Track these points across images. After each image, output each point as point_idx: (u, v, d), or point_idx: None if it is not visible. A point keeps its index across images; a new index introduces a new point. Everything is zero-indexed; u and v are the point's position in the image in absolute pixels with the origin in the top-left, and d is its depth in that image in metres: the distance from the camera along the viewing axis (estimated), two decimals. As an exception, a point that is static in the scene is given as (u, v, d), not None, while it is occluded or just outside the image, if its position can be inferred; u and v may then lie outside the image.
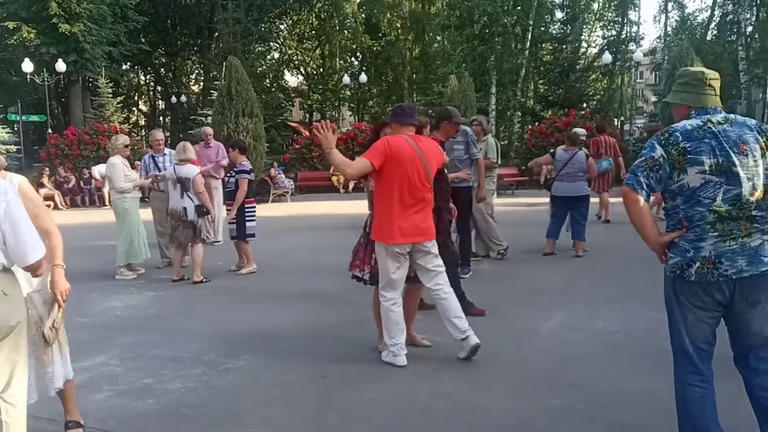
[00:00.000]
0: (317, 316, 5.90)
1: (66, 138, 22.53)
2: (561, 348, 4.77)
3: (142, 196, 8.48)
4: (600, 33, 34.49)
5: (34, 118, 29.36)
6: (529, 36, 29.30)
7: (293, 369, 4.45)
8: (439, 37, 35.28)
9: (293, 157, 23.27)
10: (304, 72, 44.20)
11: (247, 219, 7.98)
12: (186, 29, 40.57)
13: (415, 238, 4.37)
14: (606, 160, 10.95)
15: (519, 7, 29.02)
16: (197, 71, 43.86)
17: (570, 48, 32.38)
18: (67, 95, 31.62)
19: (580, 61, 32.64)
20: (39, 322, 3.07)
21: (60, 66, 25.21)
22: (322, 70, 42.32)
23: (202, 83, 41.03)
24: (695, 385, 2.76)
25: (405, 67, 37.26)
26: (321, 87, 40.95)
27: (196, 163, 8.03)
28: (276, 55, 42.73)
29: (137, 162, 13.18)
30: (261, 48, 39.79)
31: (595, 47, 34.33)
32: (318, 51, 42.96)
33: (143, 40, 35.31)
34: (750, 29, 31.48)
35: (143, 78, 45.54)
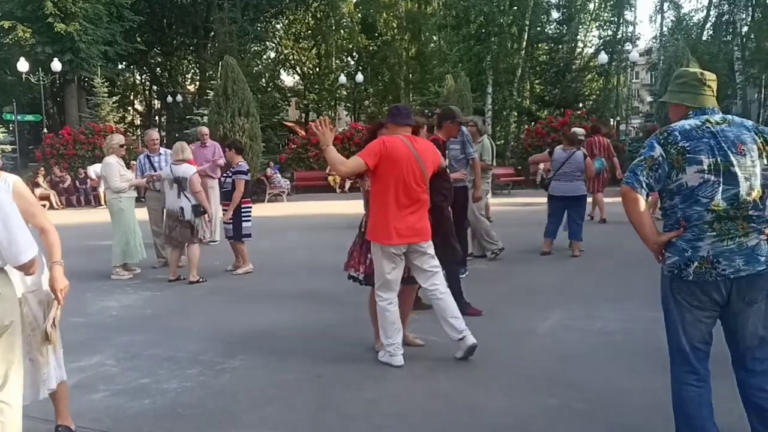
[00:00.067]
0: (314, 316, 5.89)
1: (61, 138, 22.47)
2: (558, 348, 4.77)
3: (137, 195, 8.45)
4: (596, 33, 34.64)
5: (29, 117, 29.30)
6: (526, 36, 29.34)
7: (290, 369, 4.44)
8: (436, 37, 35.31)
9: (289, 157, 23.27)
10: (300, 72, 44.19)
11: (244, 219, 7.96)
12: (182, 29, 40.52)
13: (411, 238, 4.37)
14: (598, 160, 10.96)
15: (515, 7, 29.06)
16: (193, 71, 43.83)
17: (566, 48, 32.50)
18: (63, 95, 31.51)
19: (576, 61, 32.78)
20: (34, 322, 3.06)
21: (55, 65, 25.14)
22: (318, 69, 42.30)
23: (197, 83, 41.00)
24: (692, 385, 2.77)
25: (401, 67, 37.24)
26: (317, 87, 40.92)
27: (192, 163, 8.02)
28: (272, 55, 42.80)
29: (133, 162, 13.15)
30: (257, 47, 39.82)
31: (591, 47, 34.49)
32: (314, 51, 42.98)
33: (139, 39, 35.25)
34: (745, 29, 31.61)
35: (139, 77, 45.43)
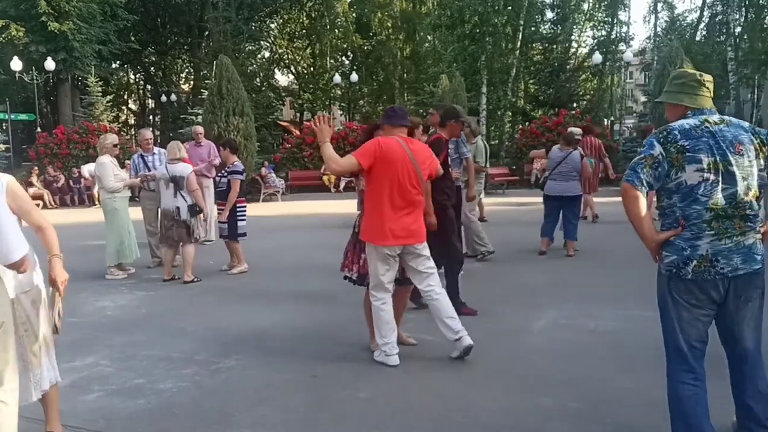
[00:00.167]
0: (309, 315, 5.89)
1: (55, 137, 22.35)
2: (553, 347, 4.77)
3: (131, 195, 8.42)
4: (590, 33, 34.66)
5: (22, 116, 29.11)
6: (520, 36, 29.35)
7: (285, 369, 4.43)
8: (430, 37, 35.30)
9: (284, 157, 23.23)
10: (294, 71, 44.12)
11: (238, 218, 7.95)
12: (176, 28, 40.42)
13: (406, 240, 4.37)
14: (588, 160, 11.00)
15: (509, 7, 29.08)
16: (187, 70, 43.76)
17: (560, 48, 32.52)
18: (56, 94, 31.38)
19: (570, 61, 32.79)
20: (27, 323, 3.05)
21: (49, 64, 25.00)
22: (312, 69, 42.22)
23: (192, 82, 40.92)
24: (688, 383, 2.78)
25: (396, 67, 37.20)
26: (312, 86, 40.83)
27: (187, 162, 8.00)
28: (266, 54, 42.70)
29: (127, 161, 13.10)
30: (251, 47, 39.76)
31: (586, 47, 34.48)
32: (309, 50, 42.88)
33: (133, 38, 35.15)
34: (739, 30, 31.74)
35: (133, 77, 45.25)
